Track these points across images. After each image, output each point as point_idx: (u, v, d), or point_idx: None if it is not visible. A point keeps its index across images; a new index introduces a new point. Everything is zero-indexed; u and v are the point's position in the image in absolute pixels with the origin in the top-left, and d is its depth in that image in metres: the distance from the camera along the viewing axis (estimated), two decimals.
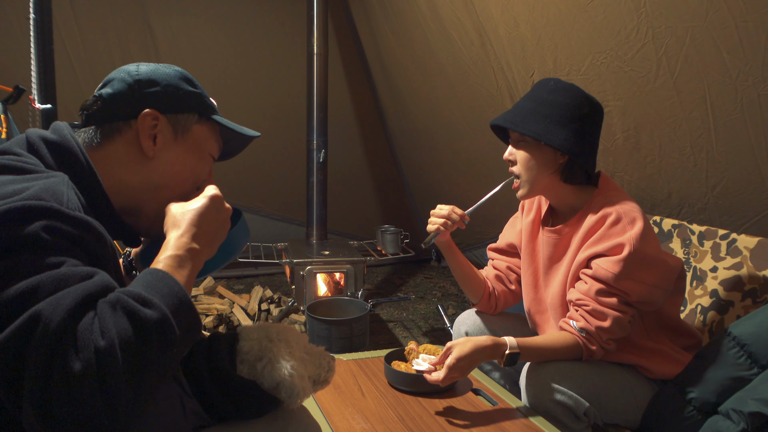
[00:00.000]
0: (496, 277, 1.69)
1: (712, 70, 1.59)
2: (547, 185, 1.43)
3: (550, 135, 1.35)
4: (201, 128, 0.96)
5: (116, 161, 0.88)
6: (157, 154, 0.90)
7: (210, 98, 1.00)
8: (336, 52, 4.06)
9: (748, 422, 1.14)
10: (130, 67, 0.92)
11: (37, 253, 0.66)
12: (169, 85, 0.92)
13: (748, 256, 1.58)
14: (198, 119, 0.95)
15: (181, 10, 3.71)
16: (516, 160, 1.43)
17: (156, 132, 0.90)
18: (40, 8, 1.90)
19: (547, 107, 1.37)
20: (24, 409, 0.60)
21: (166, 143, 0.91)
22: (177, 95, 0.93)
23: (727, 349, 1.27)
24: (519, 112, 1.41)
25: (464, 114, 3.07)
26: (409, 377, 1.42)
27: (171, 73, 0.94)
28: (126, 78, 0.90)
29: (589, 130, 1.40)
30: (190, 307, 0.72)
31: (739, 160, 1.70)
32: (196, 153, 0.95)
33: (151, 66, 0.93)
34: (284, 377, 0.91)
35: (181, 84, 0.94)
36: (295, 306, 3.09)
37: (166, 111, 0.91)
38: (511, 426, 1.26)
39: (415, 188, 4.55)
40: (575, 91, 1.39)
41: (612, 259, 1.29)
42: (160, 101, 0.91)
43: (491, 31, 2.36)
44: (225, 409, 0.93)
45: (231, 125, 0.99)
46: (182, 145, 0.93)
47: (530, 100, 1.42)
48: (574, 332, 1.35)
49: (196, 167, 0.95)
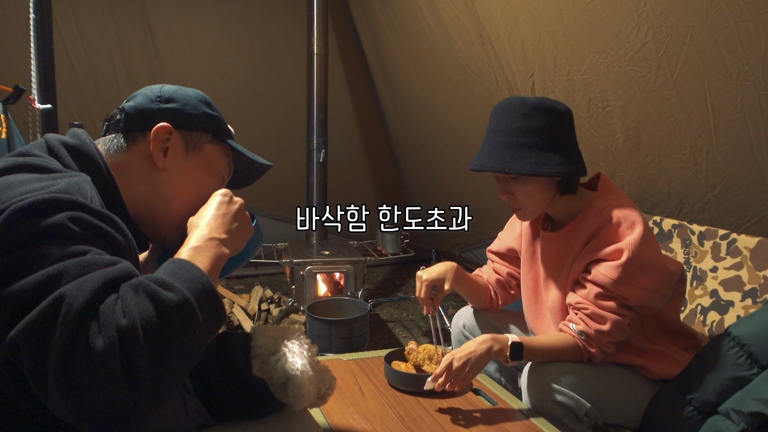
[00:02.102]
0: (497, 282, 1.69)
1: (713, 70, 1.58)
2: (549, 203, 1.42)
3: (545, 166, 1.31)
4: (213, 148, 0.99)
5: (130, 169, 0.92)
6: (167, 166, 0.93)
7: (228, 125, 1.04)
8: (336, 52, 4.06)
9: (748, 422, 1.14)
10: (155, 86, 0.98)
11: (63, 241, 0.68)
12: (188, 104, 0.97)
13: (748, 256, 1.58)
14: (211, 139, 0.99)
15: (181, 10, 3.71)
16: (514, 194, 1.39)
17: (168, 145, 0.93)
18: (40, 8, 1.90)
19: (527, 136, 1.32)
20: (49, 390, 0.62)
21: (177, 157, 0.94)
22: (194, 113, 0.97)
23: (727, 349, 1.27)
24: (499, 150, 1.34)
25: (464, 114, 3.07)
26: (410, 377, 1.42)
27: (192, 94, 0.99)
28: (149, 94, 0.95)
29: (570, 139, 1.38)
30: (212, 291, 0.74)
31: (739, 160, 1.70)
32: (205, 170, 0.98)
33: (175, 87, 0.98)
34: (296, 372, 0.91)
35: (200, 105, 0.98)
36: (295, 306, 3.09)
37: (180, 127, 0.95)
38: (512, 426, 1.26)
39: (415, 188, 4.55)
40: (544, 107, 1.33)
41: (611, 264, 1.29)
42: (176, 117, 0.95)
43: (491, 30, 2.36)
44: (232, 409, 0.93)
45: (244, 151, 1.03)
46: (192, 160, 0.96)
47: (502, 133, 1.34)
48: (573, 335, 1.35)
49: (204, 183, 0.98)
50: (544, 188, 1.38)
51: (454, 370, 1.28)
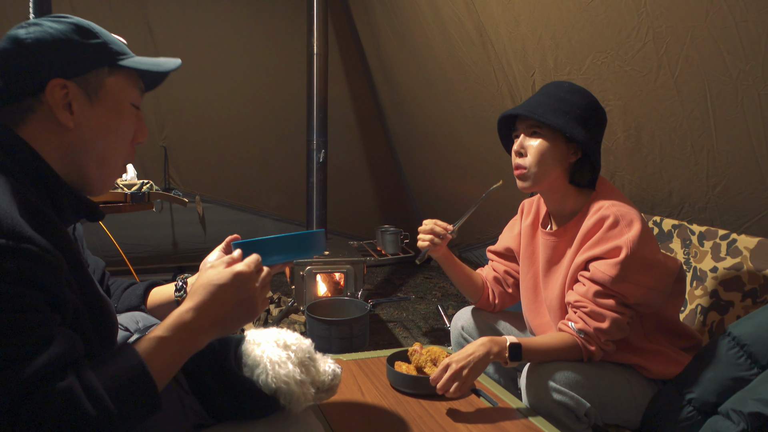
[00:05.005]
0: (494, 279, 1.70)
1: (713, 70, 1.58)
2: (552, 183, 1.42)
3: (573, 130, 1.35)
4: (116, 80, 0.88)
5: (38, 140, 0.82)
6: (77, 122, 0.84)
7: (116, 40, 0.91)
8: (336, 52, 4.07)
9: (748, 422, 1.14)
10: (19, 33, 0.82)
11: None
12: (67, 43, 0.83)
13: (748, 256, 1.58)
14: (109, 71, 0.87)
15: (181, 10, 3.71)
16: (526, 153, 1.41)
17: (69, 100, 0.83)
18: (40, 8, 1.90)
19: (566, 105, 1.37)
20: None
21: (83, 109, 0.84)
22: (79, 54, 0.84)
23: (726, 350, 1.27)
24: (537, 105, 1.39)
25: (464, 114, 3.07)
26: (409, 379, 1.42)
27: (64, 29, 0.84)
28: (17, 48, 0.82)
29: (599, 135, 1.42)
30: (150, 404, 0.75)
31: (739, 160, 1.70)
32: (115, 111, 0.88)
33: (37, 28, 0.83)
34: (280, 384, 0.91)
35: (79, 39, 0.84)
36: (295, 306, 3.09)
37: (72, 75, 0.83)
38: (512, 426, 1.26)
39: (415, 188, 4.55)
40: (590, 96, 1.40)
41: (609, 262, 1.29)
42: (62, 65, 0.83)
43: (492, 30, 2.36)
44: (227, 409, 0.93)
45: (145, 65, 0.91)
46: (99, 106, 0.86)
47: (546, 96, 1.40)
48: (573, 334, 1.35)
49: (120, 124, 0.89)
50: (556, 158, 1.39)
51: (454, 374, 1.28)
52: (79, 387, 0.68)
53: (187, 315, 0.80)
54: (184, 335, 0.79)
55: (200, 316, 0.81)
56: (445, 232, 1.55)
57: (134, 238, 3.86)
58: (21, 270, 0.67)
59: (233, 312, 0.84)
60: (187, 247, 4.08)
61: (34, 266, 0.69)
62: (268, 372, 0.91)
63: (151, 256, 4.00)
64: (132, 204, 2.33)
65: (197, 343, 0.81)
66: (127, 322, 1.12)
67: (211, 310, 0.82)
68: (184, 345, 0.80)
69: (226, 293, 0.83)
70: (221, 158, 4.05)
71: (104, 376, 0.71)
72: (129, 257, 3.03)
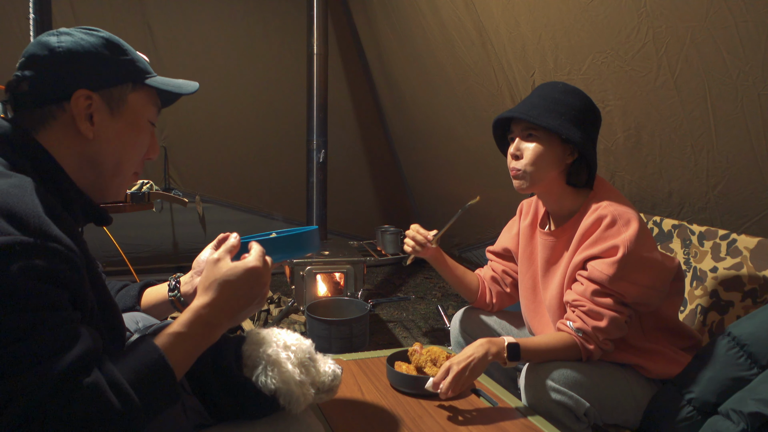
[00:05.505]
0: (492, 279, 1.71)
1: (713, 70, 1.58)
2: (549, 184, 1.42)
3: (569, 132, 1.34)
4: (137, 96, 0.91)
5: (57, 146, 0.84)
6: (97, 134, 0.86)
7: (141, 58, 0.94)
8: (336, 52, 4.07)
9: (748, 422, 1.14)
10: (51, 41, 0.85)
11: (13, 311, 0.66)
12: (97, 57, 0.86)
13: (748, 257, 1.58)
14: (133, 88, 0.90)
15: (181, 11, 3.71)
16: (522, 155, 1.41)
17: (91, 111, 0.85)
18: (40, 8, 1.90)
19: (561, 106, 1.37)
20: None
21: (104, 121, 0.87)
22: (107, 68, 0.87)
23: (726, 350, 1.27)
24: (532, 107, 1.39)
25: (464, 114, 3.07)
26: (409, 379, 1.42)
27: (95, 42, 0.87)
28: (46, 56, 0.84)
29: (595, 135, 1.42)
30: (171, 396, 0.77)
31: (739, 160, 1.70)
32: (134, 126, 0.91)
33: (70, 39, 0.86)
34: (279, 386, 0.91)
35: (109, 54, 0.88)
36: (294, 306, 3.09)
37: (98, 87, 0.86)
38: (511, 426, 1.26)
39: (415, 188, 4.55)
40: (584, 96, 1.40)
41: (607, 261, 1.29)
42: (90, 77, 0.85)
43: (492, 30, 2.36)
44: (228, 409, 0.93)
45: (167, 86, 0.94)
46: (120, 120, 0.89)
47: (541, 97, 1.40)
48: (571, 333, 1.35)
49: (136, 139, 0.92)
50: (552, 160, 1.39)
51: (454, 376, 1.29)
52: (104, 382, 0.70)
53: (203, 311, 0.85)
54: (200, 330, 0.84)
55: (216, 312, 0.85)
56: (425, 241, 1.58)
57: (134, 238, 3.86)
58: (49, 268, 0.69)
59: (246, 306, 0.89)
60: (187, 247, 4.08)
61: (60, 265, 0.70)
62: (268, 372, 0.91)
63: (151, 256, 4.00)
64: (132, 204, 2.33)
65: (213, 336, 0.86)
66: (127, 323, 1.12)
67: (227, 306, 0.86)
68: (200, 339, 0.84)
69: (242, 288, 0.88)
70: (221, 158, 4.06)
71: (126, 369, 0.73)
72: (129, 257, 3.03)
